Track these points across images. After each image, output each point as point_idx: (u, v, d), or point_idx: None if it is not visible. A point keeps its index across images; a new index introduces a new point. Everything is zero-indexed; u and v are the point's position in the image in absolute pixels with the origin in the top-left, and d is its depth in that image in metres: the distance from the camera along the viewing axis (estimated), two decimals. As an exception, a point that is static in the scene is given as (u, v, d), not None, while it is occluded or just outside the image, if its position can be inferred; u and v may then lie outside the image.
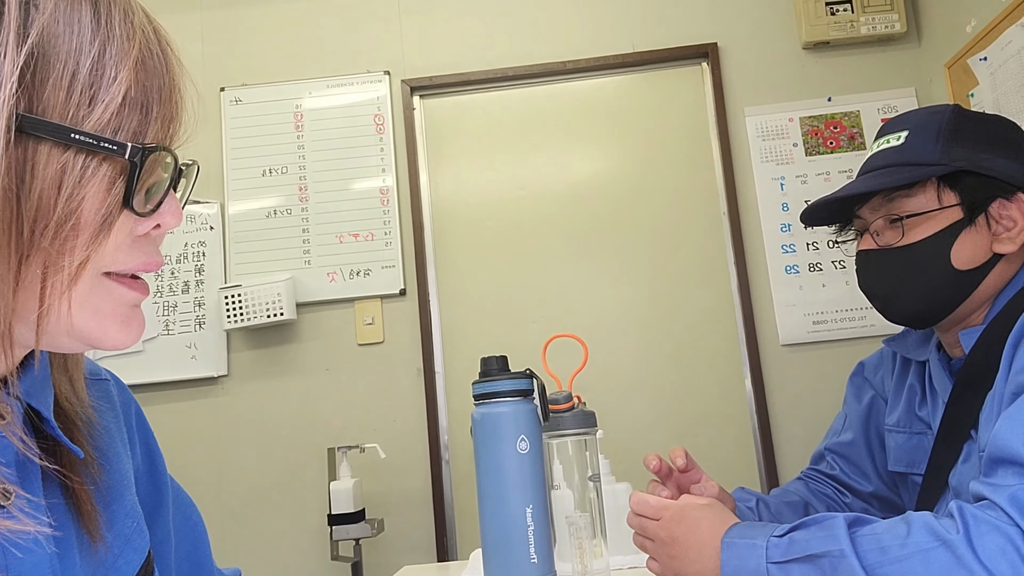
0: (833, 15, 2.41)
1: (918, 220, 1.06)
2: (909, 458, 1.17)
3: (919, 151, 1.07)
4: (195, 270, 2.47)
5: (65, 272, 0.48)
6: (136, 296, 0.54)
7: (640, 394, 2.38)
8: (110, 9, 0.50)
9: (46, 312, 0.48)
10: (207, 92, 2.53)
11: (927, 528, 0.76)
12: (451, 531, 2.34)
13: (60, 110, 0.47)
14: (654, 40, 2.50)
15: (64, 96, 0.47)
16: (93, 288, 0.51)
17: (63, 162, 0.47)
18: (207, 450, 2.41)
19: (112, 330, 0.53)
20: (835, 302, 2.35)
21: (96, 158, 0.48)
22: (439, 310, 2.45)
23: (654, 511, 0.96)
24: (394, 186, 2.48)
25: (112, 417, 0.66)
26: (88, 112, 0.48)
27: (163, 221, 0.54)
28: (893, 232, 1.09)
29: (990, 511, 0.75)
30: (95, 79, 0.48)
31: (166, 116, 0.53)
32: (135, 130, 0.50)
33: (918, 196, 1.07)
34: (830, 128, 2.44)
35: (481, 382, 1.02)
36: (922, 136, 1.09)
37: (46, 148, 0.46)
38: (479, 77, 2.51)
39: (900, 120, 1.14)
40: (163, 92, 0.52)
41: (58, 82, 0.47)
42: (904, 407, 1.19)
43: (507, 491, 0.97)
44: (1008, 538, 0.72)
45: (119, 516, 0.61)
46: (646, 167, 2.48)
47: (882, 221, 1.11)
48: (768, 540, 0.83)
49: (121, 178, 0.50)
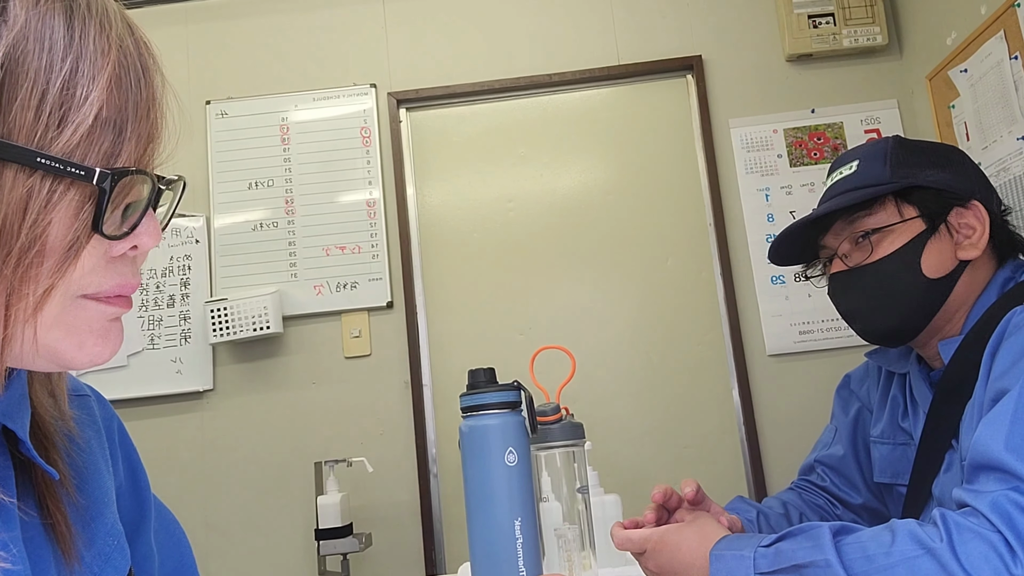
0: (816, 28, 2.43)
1: (884, 234, 1.10)
2: (893, 469, 1.18)
3: (870, 175, 1.13)
4: (180, 284, 2.45)
5: (29, 299, 0.46)
6: (115, 310, 0.52)
7: (628, 405, 2.38)
8: (85, 22, 0.48)
9: (9, 339, 0.46)
10: (193, 105, 2.53)
11: (911, 536, 0.77)
12: (439, 545, 2.33)
13: (27, 132, 0.45)
14: (639, 52, 2.52)
15: (32, 117, 0.45)
16: (65, 310, 0.49)
17: (28, 186, 0.45)
18: (193, 465, 2.38)
19: (89, 344, 0.51)
20: (821, 312, 2.37)
21: (63, 182, 0.46)
22: (426, 323, 2.44)
23: (638, 546, 0.98)
24: (381, 199, 2.48)
25: (94, 434, 0.65)
26: (57, 134, 0.46)
27: (140, 242, 0.52)
28: (861, 251, 1.13)
29: (972, 518, 0.76)
30: (65, 99, 0.46)
31: (142, 134, 0.50)
32: (107, 151, 0.48)
33: (879, 213, 1.11)
34: (814, 139, 2.46)
35: (469, 394, 1.02)
36: (871, 162, 1.14)
37: (11, 172, 0.44)
38: (466, 90, 2.52)
39: (848, 154, 1.21)
40: (140, 110, 0.50)
41: (26, 102, 0.45)
42: (888, 418, 1.21)
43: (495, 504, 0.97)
44: (990, 544, 0.73)
45: (100, 534, 0.60)
46: (632, 178, 2.49)
47: (848, 243, 1.15)
48: (756, 551, 0.84)
49: (90, 203, 0.48)
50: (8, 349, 0.47)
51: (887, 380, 1.25)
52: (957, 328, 1.10)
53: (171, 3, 2.56)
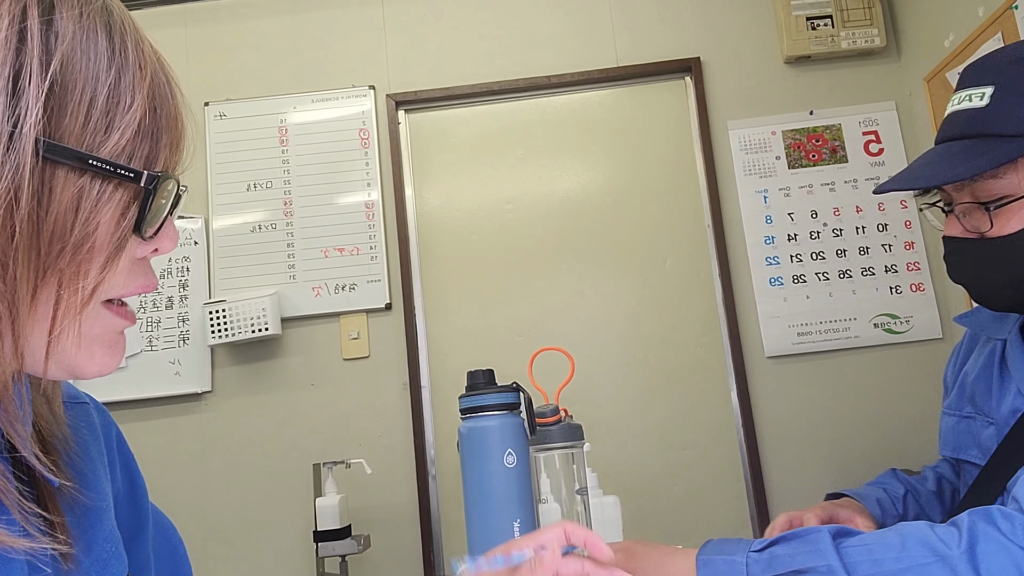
0: (814, 30, 2.44)
1: (1010, 208, 0.91)
2: (956, 442, 1.10)
3: (1005, 118, 0.90)
4: (179, 285, 2.45)
5: (79, 295, 0.49)
6: (124, 323, 0.55)
7: (627, 406, 2.38)
8: (124, 37, 0.51)
9: (57, 336, 0.49)
10: (192, 107, 2.52)
11: (923, 541, 0.73)
12: (438, 546, 2.33)
13: (77, 136, 0.48)
14: (638, 55, 2.52)
15: (82, 122, 0.48)
16: (88, 315, 0.51)
17: (80, 186, 0.48)
18: (191, 467, 2.38)
19: (98, 355, 0.54)
20: (819, 314, 2.37)
21: (111, 184, 0.49)
22: (425, 324, 2.44)
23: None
24: (379, 200, 2.48)
25: (92, 440, 0.66)
26: (104, 138, 0.49)
27: (161, 245, 0.55)
28: (981, 217, 0.94)
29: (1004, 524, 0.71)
30: (111, 106, 0.49)
31: (173, 142, 0.54)
32: (147, 156, 0.51)
33: (1008, 176, 0.91)
34: (812, 141, 2.46)
35: (468, 396, 1.02)
36: (1008, 95, 0.91)
37: (63, 172, 0.47)
38: (464, 91, 2.52)
39: (982, 70, 0.95)
40: (170, 119, 0.54)
41: (76, 108, 0.47)
42: (958, 388, 1.12)
43: (494, 505, 0.97)
44: (1014, 561, 0.69)
45: (98, 540, 0.61)
46: (631, 180, 2.49)
47: (968, 200, 0.95)
48: (747, 556, 0.80)
49: (134, 204, 0.51)
50: (54, 347, 0.49)
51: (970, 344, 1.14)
52: None
53: (170, 4, 2.57)
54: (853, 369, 2.35)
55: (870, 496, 1.17)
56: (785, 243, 2.41)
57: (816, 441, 2.30)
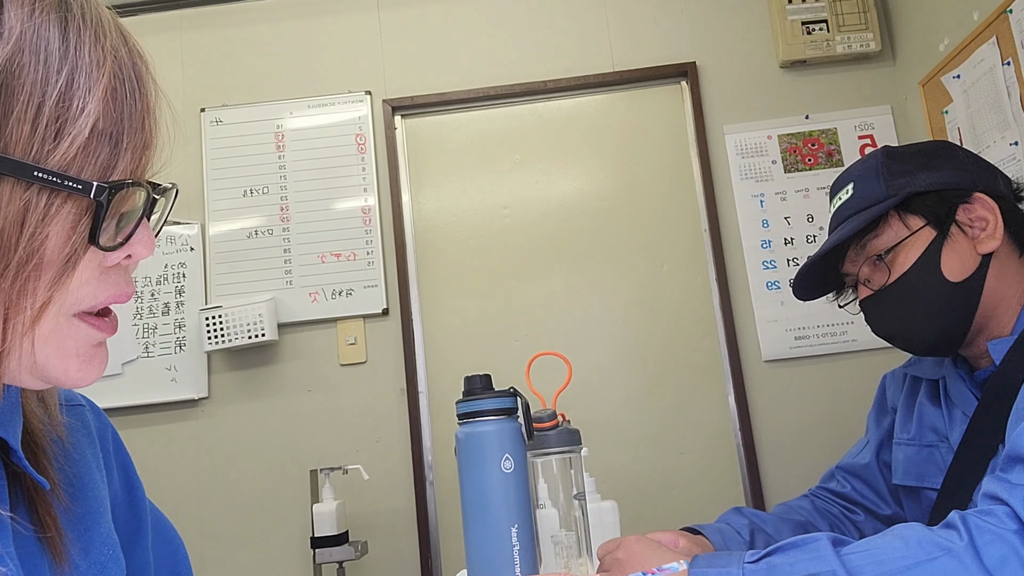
0: (809, 34, 2.44)
1: (897, 252, 1.09)
2: (919, 471, 1.15)
3: (867, 195, 1.12)
4: (175, 291, 2.45)
5: (27, 313, 0.46)
6: (100, 335, 0.52)
7: (624, 411, 2.38)
8: (80, 33, 0.47)
9: (7, 351, 0.46)
10: (187, 113, 2.53)
11: (925, 539, 0.74)
12: (436, 552, 2.32)
13: (24, 145, 0.44)
14: (634, 59, 2.53)
15: (28, 130, 0.44)
16: (58, 327, 0.49)
17: (26, 200, 0.44)
18: (188, 473, 2.37)
19: (72, 369, 0.51)
20: (816, 318, 2.37)
21: (60, 196, 0.46)
22: (422, 329, 2.44)
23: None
24: (376, 206, 2.48)
25: (88, 443, 0.65)
26: (54, 147, 0.45)
27: (134, 252, 0.52)
28: (880, 273, 1.11)
29: (991, 518, 0.73)
30: (61, 112, 0.45)
31: (138, 145, 0.50)
32: (104, 163, 0.48)
33: (886, 232, 1.10)
34: (808, 145, 2.47)
35: (465, 401, 1.02)
36: (865, 182, 1.13)
37: (8, 185, 0.44)
38: (460, 96, 2.52)
39: (843, 178, 1.19)
40: (135, 120, 0.50)
41: (22, 115, 0.44)
42: (916, 420, 1.18)
43: (492, 510, 0.97)
44: (1012, 547, 0.70)
45: (95, 543, 0.60)
46: (627, 185, 2.49)
47: (866, 268, 1.13)
48: (743, 568, 0.78)
49: (87, 215, 0.47)
50: (5, 362, 0.47)
51: (913, 383, 1.24)
52: (1006, 325, 1.06)
53: (166, 11, 2.57)
54: (850, 373, 2.35)
55: (712, 526, 1.21)
56: (782, 247, 2.41)
57: (813, 445, 2.30)
